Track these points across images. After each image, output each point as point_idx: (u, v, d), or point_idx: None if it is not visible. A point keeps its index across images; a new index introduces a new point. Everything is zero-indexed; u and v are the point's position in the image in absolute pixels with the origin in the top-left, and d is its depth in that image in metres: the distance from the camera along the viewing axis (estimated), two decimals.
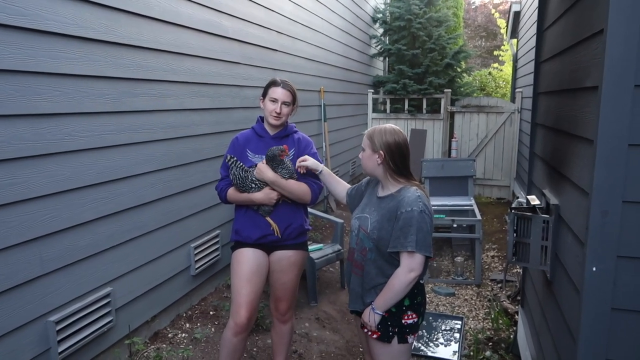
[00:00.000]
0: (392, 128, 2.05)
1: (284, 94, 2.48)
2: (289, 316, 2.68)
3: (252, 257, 2.48)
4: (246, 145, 2.56)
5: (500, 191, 8.06)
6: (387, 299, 1.97)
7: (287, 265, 2.55)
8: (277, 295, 2.61)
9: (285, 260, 2.54)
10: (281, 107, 2.48)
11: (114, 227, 2.77)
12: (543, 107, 2.95)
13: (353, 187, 2.36)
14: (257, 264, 2.48)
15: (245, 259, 2.47)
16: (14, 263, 2.17)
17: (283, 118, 2.51)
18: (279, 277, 2.56)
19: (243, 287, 2.43)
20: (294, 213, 2.53)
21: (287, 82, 2.54)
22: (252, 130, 2.61)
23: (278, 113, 2.48)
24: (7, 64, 2.08)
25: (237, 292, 2.44)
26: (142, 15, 2.90)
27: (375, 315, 1.99)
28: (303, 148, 2.57)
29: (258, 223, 2.48)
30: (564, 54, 2.34)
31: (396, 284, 1.94)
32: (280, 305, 2.62)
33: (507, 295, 4.27)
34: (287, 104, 2.50)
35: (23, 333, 2.22)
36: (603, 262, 1.64)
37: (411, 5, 9.01)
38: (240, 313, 2.40)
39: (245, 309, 2.41)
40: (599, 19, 1.67)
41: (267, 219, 2.47)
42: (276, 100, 2.47)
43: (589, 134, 1.73)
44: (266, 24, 4.64)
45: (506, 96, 11.90)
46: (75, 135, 2.46)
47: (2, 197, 2.09)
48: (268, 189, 2.43)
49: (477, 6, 20.67)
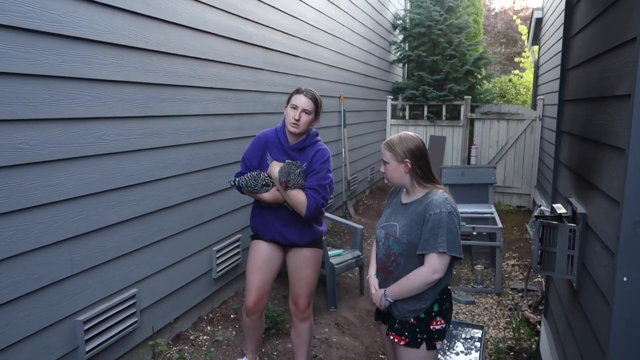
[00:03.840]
0: (407, 135, 2.07)
1: (305, 102, 2.47)
2: (308, 314, 2.74)
3: (265, 248, 2.67)
4: (267, 147, 2.61)
5: (521, 199, 7.97)
6: (402, 291, 2.00)
7: (302, 261, 2.67)
8: (296, 291, 2.71)
9: (301, 256, 2.67)
10: (300, 115, 2.46)
11: (140, 230, 2.82)
12: (569, 115, 2.93)
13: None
14: (269, 255, 2.67)
15: (260, 250, 2.67)
16: (46, 263, 2.22)
17: (302, 127, 2.49)
18: (296, 272, 2.69)
19: (254, 274, 2.66)
20: (305, 226, 2.62)
21: (312, 91, 2.54)
22: (275, 131, 2.62)
23: (297, 120, 2.46)
24: (43, 69, 2.14)
25: (248, 278, 2.69)
26: (170, 22, 2.96)
27: (385, 300, 2.04)
28: (314, 161, 2.56)
29: (269, 228, 2.63)
30: (592, 61, 2.32)
31: (417, 281, 1.95)
32: (299, 301, 2.69)
33: (529, 305, 4.22)
34: (307, 112, 2.48)
35: (53, 331, 2.27)
36: (634, 273, 1.62)
37: (431, 11, 9.00)
38: (250, 297, 2.67)
39: (254, 294, 2.66)
40: (632, 26, 1.66)
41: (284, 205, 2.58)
42: (297, 107, 2.47)
43: (620, 143, 1.72)
44: (289, 30, 4.69)
45: (527, 103, 11.77)
46: (106, 139, 2.52)
47: (36, 199, 2.15)
48: (275, 189, 2.53)
49: (497, 12, 20.54)
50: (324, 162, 2.56)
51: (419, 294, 1.99)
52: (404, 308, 2.03)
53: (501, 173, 7.92)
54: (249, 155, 2.66)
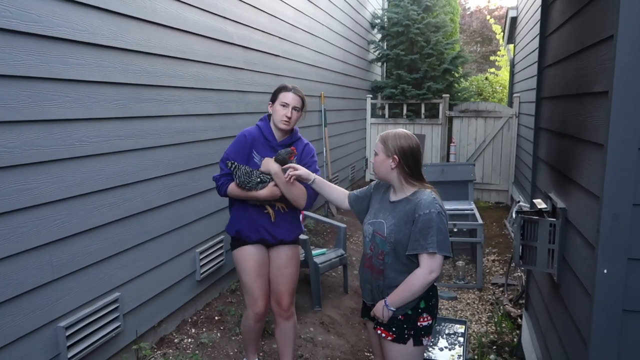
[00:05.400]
0: (405, 133, 2.08)
1: (295, 99, 2.52)
2: (292, 311, 2.75)
3: (256, 253, 2.63)
4: (253, 145, 2.57)
5: (499, 195, 8.11)
6: (404, 297, 1.99)
7: (286, 258, 2.67)
8: (279, 289, 2.69)
9: (284, 254, 2.67)
10: (292, 112, 2.51)
11: (122, 233, 2.78)
12: (547, 112, 2.99)
13: (359, 191, 2.36)
14: (262, 258, 2.65)
15: (251, 256, 2.62)
16: (26, 268, 2.17)
17: (292, 123, 2.55)
18: (280, 271, 2.67)
19: (255, 281, 2.62)
20: (292, 224, 2.65)
21: (297, 87, 2.58)
22: (258, 128, 2.60)
23: (289, 117, 2.50)
24: (20, 70, 2.09)
25: (250, 286, 2.63)
26: (149, 22, 2.92)
27: (388, 311, 2.02)
28: (304, 155, 2.62)
29: (257, 227, 2.58)
30: (569, 59, 2.38)
31: (416, 284, 1.96)
32: (283, 299, 2.69)
33: (510, 299, 4.30)
34: (297, 109, 2.53)
35: (34, 338, 2.22)
36: (614, 265, 1.67)
37: (409, 11, 9.08)
38: (259, 304, 2.65)
39: (261, 299, 2.65)
40: (609, 24, 1.70)
41: (267, 208, 2.56)
42: (287, 105, 2.50)
43: (599, 138, 1.76)
44: (269, 30, 4.67)
45: (503, 101, 11.97)
46: (85, 140, 2.47)
47: (14, 203, 2.10)
48: (272, 184, 2.47)
49: (472, 12, 20.83)
50: (313, 157, 2.65)
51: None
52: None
53: (480, 170, 8.04)
54: (233, 154, 2.56)
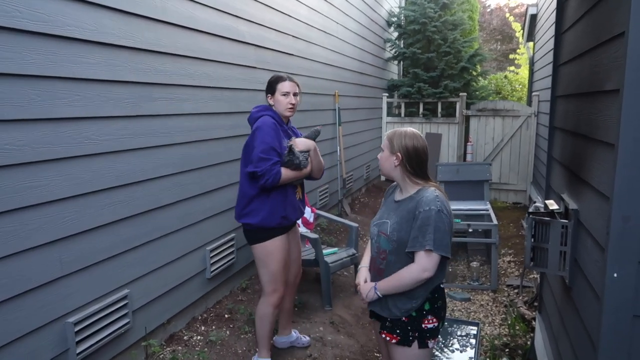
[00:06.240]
0: (413, 132, 2.05)
1: (292, 86, 2.76)
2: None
3: (286, 243, 2.83)
4: (279, 130, 2.74)
5: (517, 196, 7.97)
6: (392, 286, 1.99)
7: (298, 235, 3.06)
8: (296, 265, 3.04)
9: (297, 232, 3.05)
10: (294, 98, 2.74)
11: (132, 230, 2.80)
12: (561, 111, 2.92)
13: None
14: (288, 250, 2.89)
15: (283, 246, 2.81)
16: (35, 265, 2.20)
17: (296, 108, 2.79)
18: (297, 247, 3.01)
19: (284, 269, 2.84)
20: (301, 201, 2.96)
21: (288, 74, 2.85)
22: (271, 117, 2.73)
23: (293, 104, 2.75)
24: (30, 69, 2.12)
25: (280, 274, 2.82)
26: (159, 21, 2.94)
27: (374, 294, 2.03)
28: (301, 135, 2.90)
29: (296, 207, 2.83)
30: (582, 56, 2.32)
31: (406, 277, 1.94)
32: (299, 273, 3.10)
33: (524, 301, 4.22)
34: (296, 94, 2.77)
35: (43, 333, 2.25)
36: (624, 268, 1.62)
37: (426, 8, 8.99)
38: (282, 289, 2.86)
39: (284, 285, 2.88)
40: (620, 21, 1.65)
41: (298, 187, 2.86)
42: (288, 94, 2.73)
43: (610, 138, 1.71)
44: (282, 28, 4.67)
45: (522, 100, 11.77)
46: (95, 138, 2.50)
47: (24, 200, 2.13)
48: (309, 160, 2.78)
49: (492, 9, 20.53)
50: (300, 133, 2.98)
51: (409, 293, 1.97)
52: (396, 306, 2.02)
53: (497, 170, 7.92)
54: (277, 141, 2.65)
